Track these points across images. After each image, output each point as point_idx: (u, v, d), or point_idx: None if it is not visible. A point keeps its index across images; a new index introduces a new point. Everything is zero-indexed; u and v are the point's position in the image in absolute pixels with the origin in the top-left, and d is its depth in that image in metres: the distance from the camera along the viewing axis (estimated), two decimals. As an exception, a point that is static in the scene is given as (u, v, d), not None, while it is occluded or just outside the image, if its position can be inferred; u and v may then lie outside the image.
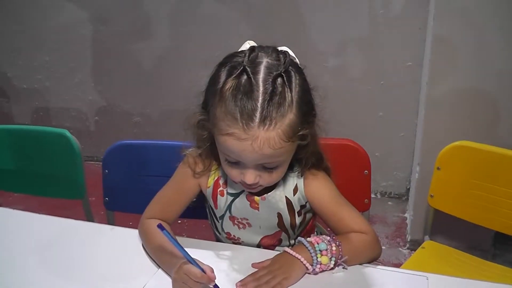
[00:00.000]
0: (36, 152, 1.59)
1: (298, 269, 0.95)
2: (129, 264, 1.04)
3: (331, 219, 1.05)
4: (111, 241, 1.13)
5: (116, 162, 1.50)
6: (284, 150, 0.92)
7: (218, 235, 1.14)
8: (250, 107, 0.88)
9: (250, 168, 0.94)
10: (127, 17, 2.39)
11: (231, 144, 0.90)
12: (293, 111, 0.91)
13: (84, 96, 2.62)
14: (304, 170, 1.04)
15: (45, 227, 1.17)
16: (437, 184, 1.50)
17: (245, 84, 0.89)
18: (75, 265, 1.04)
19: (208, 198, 1.09)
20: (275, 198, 1.05)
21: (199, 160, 1.07)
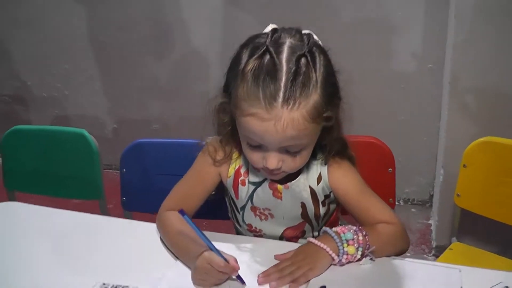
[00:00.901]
0: (54, 153, 1.57)
1: (324, 260, 0.91)
2: (147, 256, 1.01)
3: (356, 209, 1.01)
4: (128, 234, 1.10)
5: (134, 161, 1.48)
6: (308, 132, 0.89)
7: (239, 228, 1.11)
8: (273, 87, 0.85)
9: (273, 152, 0.91)
10: (146, 25, 2.40)
11: (254, 125, 0.87)
12: (317, 91, 0.88)
13: (102, 103, 2.63)
14: (328, 157, 1.00)
15: (61, 221, 1.15)
16: (463, 183, 1.45)
17: (268, 64, 0.86)
18: (90, 257, 1.01)
19: (229, 188, 1.06)
20: (298, 187, 1.01)
21: (219, 148, 1.04)
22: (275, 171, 0.93)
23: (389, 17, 2.05)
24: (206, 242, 0.88)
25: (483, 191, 1.41)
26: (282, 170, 0.94)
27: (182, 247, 0.96)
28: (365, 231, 0.93)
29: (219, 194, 1.13)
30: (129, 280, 0.92)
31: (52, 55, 2.58)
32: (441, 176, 1.90)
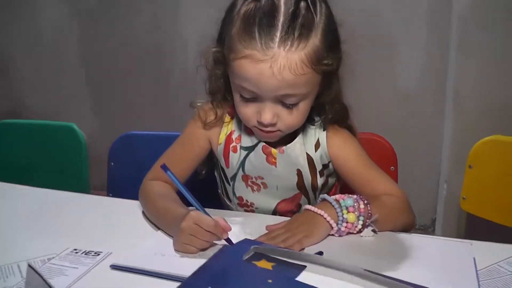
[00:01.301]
0: (42, 146, 1.52)
1: (321, 227, 0.82)
2: (123, 226, 0.93)
3: (357, 180, 0.93)
4: (106, 208, 1.03)
5: (122, 155, 1.41)
6: (307, 79, 0.82)
7: (229, 204, 1.02)
8: (270, 26, 0.79)
9: (268, 103, 0.84)
10: (148, 41, 2.38)
11: (248, 68, 0.81)
12: (318, 36, 0.82)
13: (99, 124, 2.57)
14: (326, 120, 0.93)
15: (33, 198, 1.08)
16: (469, 185, 1.37)
17: (265, 5, 0.81)
18: (62, 227, 0.93)
19: (219, 156, 0.98)
20: (294, 151, 0.94)
21: (210, 110, 0.97)
22: (270, 127, 0.86)
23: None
24: (192, 201, 0.80)
25: (490, 193, 1.33)
26: (277, 127, 0.87)
27: (164, 210, 0.87)
28: (366, 199, 0.85)
29: (209, 172, 1.06)
30: (102, 246, 0.83)
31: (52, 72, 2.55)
32: (444, 191, 1.82)
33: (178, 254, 0.79)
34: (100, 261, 0.79)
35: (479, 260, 0.79)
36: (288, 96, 0.84)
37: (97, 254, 0.81)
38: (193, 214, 0.78)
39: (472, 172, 1.35)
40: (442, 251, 0.83)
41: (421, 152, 2.03)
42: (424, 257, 0.80)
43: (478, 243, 0.85)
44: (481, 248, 0.83)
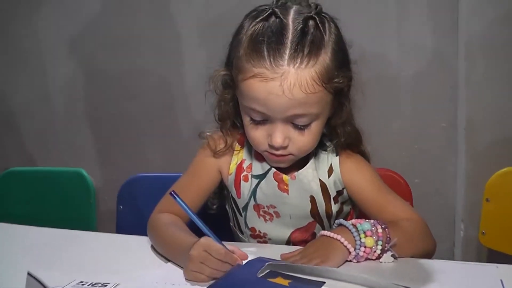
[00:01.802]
0: (51, 192, 1.51)
1: (338, 252, 0.78)
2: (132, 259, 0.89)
3: (372, 206, 0.90)
4: (114, 244, 1.00)
5: (131, 197, 1.39)
6: (318, 98, 0.81)
7: (241, 236, 0.99)
8: (279, 43, 0.79)
9: (278, 125, 0.82)
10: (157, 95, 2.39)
11: (257, 88, 0.79)
12: (327, 54, 0.81)
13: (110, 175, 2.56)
14: (338, 144, 0.91)
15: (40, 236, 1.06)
16: (488, 219, 1.33)
17: (273, 24, 0.81)
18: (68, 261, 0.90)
19: (230, 187, 0.96)
20: (307, 177, 0.91)
21: (220, 138, 0.96)
22: (281, 150, 0.84)
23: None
24: (203, 228, 0.78)
25: (511, 225, 1.28)
26: (289, 151, 0.85)
27: (173, 239, 0.84)
28: (384, 224, 0.82)
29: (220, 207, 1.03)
30: (109, 278, 0.79)
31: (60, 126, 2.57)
32: (461, 232, 1.77)
33: (188, 283, 0.76)
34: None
35: (507, 282, 0.74)
36: (299, 116, 0.82)
37: (104, 285, 0.78)
38: (203, 241, 0.75)
39: (489, 205, 1.32)
40: (467, 275, 0.79)
41: (435, 187, 1.99)
42: (449, 282, 0.76)
43: (505, 266, 0.80)
44: (508, 270, 0.79)
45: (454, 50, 1.82)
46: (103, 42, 2.19)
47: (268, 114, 0.82)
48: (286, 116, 0.81)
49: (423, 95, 2.01)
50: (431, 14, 1.81)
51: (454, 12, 1.76)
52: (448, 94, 1.92)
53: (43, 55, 2.37)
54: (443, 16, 1.78)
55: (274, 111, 0.81)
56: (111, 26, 2.15)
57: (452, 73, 1.84)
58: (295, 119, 0.82)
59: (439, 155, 1.97)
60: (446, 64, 1.85)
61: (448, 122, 1.95)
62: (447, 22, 1.78)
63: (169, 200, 0.93)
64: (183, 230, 0.86)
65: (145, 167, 2.24)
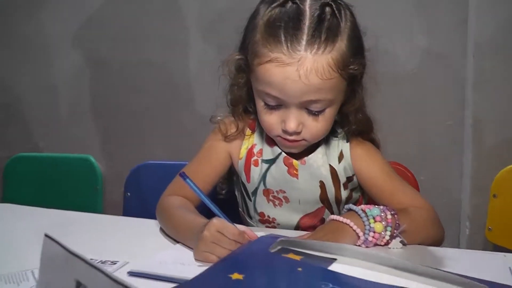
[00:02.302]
0: (58, 178, 1.51)
1: (347, 236, 0.78)
2: (140, 240, 0.90)
3: (382, 193, 0.90)
4: (123, 225, 1.01)
5: (139, 184, 1.40)
6: (333, 84, 0.81)
7: (249, 221, 0.99)
8: (296, 29, 0.79)
9: (293, 110, 0.82)
10: (161, 87, 2.39)
11: (274, 73, 0.80)
12: (343, 41, 0.81)
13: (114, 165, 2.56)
14: (349, 131, 0.91)
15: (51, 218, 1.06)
16: (495, 215, 1.32)
17: (290, 10, 0.81)
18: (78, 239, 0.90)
19: (240, 172, 0.96)
20: (316, 162, 0.91)
21: (232, 123, 0.96)
22: (295, 136, 0.84)
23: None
24: (214, 209, 0.78)
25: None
26: (302, 136, 0.85)
27: (183, 220, 0.84)
28: (393, 210, 0.82)
29: (229, 192, 1.04)
30: (119, 257, 0.80)
31: (65, 117, 2.57)
32: (467, 230, 1.77)
33: (197, 263, 0.76)
34: (117, 269, 0.76)
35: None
36: (314, 102, 0.82)
37: (113, 263, 0.78)
38: (216, 221, 0.75)
39: (497, 201, 1.32)
40: (476, 263, 0.78)
41: (441, 185, 1.99)
42: (458, 269, 0.76)
43: (511, 255, 0.80)
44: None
45: (463, 49, 1.82)
46: (108, 34, 2.20)
47: (283, 99, 0.82)
48: (301, 101, 0.82)
49: (430, 93, 2.01)
50: (441, 13, 1.81)
51: (464, 11, 1.76)
52: (455, 93, 1.92)
53: (49, 47, 2.38)
54: (452, 15, 1.78)
55: (290, 96, 0.81)
56: (116, 18, 2.16)
57: (459, 72, 1.84)
58: (310, 105, 0.83)
59: (445, 153, 1.97)
60: (454, 63, 1.85)
61: (455, 120, 1.95)
62: (456, 21, 1.78)
63: (179, 183, 0.94)
64: (193, 212, 0.86)
65: (149, 157, 2.24)
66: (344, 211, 0.84)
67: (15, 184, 1.53)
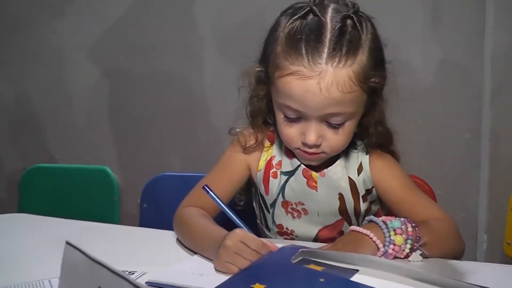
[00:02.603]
0: (76, 189, 1.52)
1: (367, 248, 0.76)
2: (157, 251, 0.90)
3: (402, 205, 0.89)
4: (140, 237, 1.01)
5: (155, 196, 1.40)
6: (354, 97, 0.81)
7: (267, 233, 0.98)
8: (317, 42, 0.79)
9: (313, 122, 0.82)
10: (177, 98, 2.41)
11: (294, 85, 0.80)
12: (364, 54, 0.81)
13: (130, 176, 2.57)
14: (369, 143, 0.91)
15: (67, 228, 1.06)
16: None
17: (311, 22, 0.81)
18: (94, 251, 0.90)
19: (259, 183, 0.96)
20: (336, 174, 0.91)
21: (251, 135, 0.96)
22: (314, 148, 0.84)
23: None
24: (236, 220, 0.78)
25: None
26: (322, 149, 0.85)
27: (202, 231, 0.84)
28: (414, 223, 0.81)
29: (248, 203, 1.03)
30: (136, 267, 0.79)
31: (82, 128, 2.59)
32: (484, 244, 1.74)
33: (218, 274, 0.75)
34: (136, 278, 0.76)
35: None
36: (334, 115, 0.82)
37: (131, 273, 0.78)
38: (239, 232, 0.75)
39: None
40: (497, 276, 0.77)
41: (457, 199, 1.96)
42: (477, 282, 0.75)
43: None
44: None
45: (480, 61, 1.82)
46: (125, 45, 2.22)
47: (304, 112, 0.82)
48: (321, 114, 0.82)
49: (447, 106, 2.00)
50: (458, 25, 1.81)
51: (481, 24, 1.76)
52: (472, 105, 1.91)
53: (66, 58, 2.41)
54: (469, 28, 1.77)
55: (310, 109, 0.81)
56: (133, 30, 2.18)
57: (476, 85, 1.83)
58: (330, 118, 0.82)
59: (462, 167, 1.95)
60: (471, 76, 1.84)
61: (472, 133, 1.93)
62: (473, 33, 1.77)
63: (196, 194, 0.94)
64: (212, 222, 0.86)
65: (165, 168, 2.25)
66: (365, 222, 0.83)
67: (32, 195, 1.53)
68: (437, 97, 1.98)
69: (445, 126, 2.01)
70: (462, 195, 2.01)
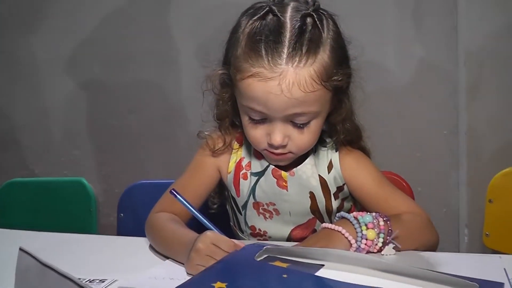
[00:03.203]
0: (52, 202, 1.50)
1: (339, 244, 0.76)
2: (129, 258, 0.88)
3: (374, 200, 0.89)
4: (112, 244, 1.00)
5: (132, 204, 1.39)
6: (317, 97, 0.80)
7: (241, 235, 0.98)
8: (277, 43, 0.79)
9: (278, 123, 0.82)
10: (155, 107, 2.40)
11: (256, 87, 0.79)
12: (326, 52, 0.81)
13: (111, 189, 2.55)
14: (338, 140, 0.91)
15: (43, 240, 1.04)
16: (491, 220, 1.31)
17: (270, 22, 0.81)
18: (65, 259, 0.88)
19: (229, 186, 0.95)
20: (305, 173, 0.90)
21: (219, 137, 0.96)
22: (281, 149, 0.84)
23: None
24: (207, 224, 0.77)
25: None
26: (288, 149, 0.84)
27: (173, 235, 0.83)
28: (386, 217, 0.80)
29: (221, 206, 1.03)
30: (107, 275, 0.79)
31: (61, 142, 2.57)
32: (465, 237, 1.75)
33: (189, 277, 0.75)
34: (105, 287, 0.75)
35: (510, 271, 0.73)
36: (298, 115, 0.82)
37: (102, 281, 0.77)
38: (210, 234, 0.74)
39: (493, 206, 1.31)
40: (471, 266, 0.77)
41: (438, 195, 1.97)
42: (453, 272, 0.74)
43: (507, 256, 0.79)
44: (511, 260, 0.78)
45: (454, 57, 1.83)
46: (100, 56, 2.21)
47: (267, 113, 0.82)
48: (285, 115, 0.81)
49: (424, 103, 2.01)
50: (432, 25, 1.83)
51: (453, 21, 1.78)
52: (449, 102, 1.92)
53: (41, 71, 2.39)
54: (442, 25, 1.79)
55: (273, 110, 0.81)
56: (108, 40, 2.17)
57: (452, 81, 1.85)
58: (294, 118, 0.82)
59: (441, 163, 1.96)
60: (447, 73, 1.86)
61: (450, 129, 1.94)
62: (446, 30, 1.79)
63: (167, 200, 0.93)
64: (183, 226, 0.85)
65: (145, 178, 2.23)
66: (337, 219, 0.83)
67: (9, 210, 1.52)
68: (415, 95, 2.00)
69: (423, 123, 2.03)
70: (443, 190, 2.02)
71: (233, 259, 0.63)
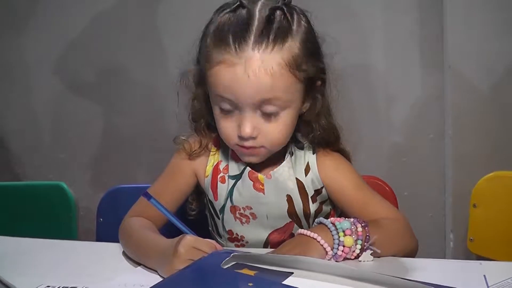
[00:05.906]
0: (31, 206, 1.47)
1: (315, 251, 0.74)
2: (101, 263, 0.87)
3: (352, 205, 0.87)
4: (83, 249, 0.99)
5: (111, 209, 1.36)
6: (286, 84, 0.79)
7: (219, 240, 0.96)
8: (244, 30, 0.78)
9: (247, 113, 0.81)
10: (142, 110, 2.38)
11: (223, 75, 0.79)
12: (296, 42, 0.80)
13: (96, 193, 2.52)
14: (314, 140, 0.89)
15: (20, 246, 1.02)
16: (476, 225, 1.30)
17: (239, 14, 0.81)
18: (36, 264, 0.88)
19: (207, 190, 0.93)
20: (282, 175, 0.89)
21: (195, 141, 0.94)
22: (252, 141, 0.82)
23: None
24: (181, 227, 0.76)
25: (499, 231, 1.26)
26: (260, 143, 0.83)
27: (145, 241, 0.81)
28: (364, 222, 0.79)
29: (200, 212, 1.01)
30: (77, 282, 0.76)
31: (48, 146, 2.54)
32: (451, 243, 1.74)
33: (155, 283, 0.73)
34: (76, 294, 0.73)
35: (490, 277, 0.72)
36: (267, 103, 0.80)
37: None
38: (190, 237, 0.73)
39: (477, 211, 1.29)
40: (451, 272, 0.76)
41: (424, 199, 1.97)
42: (433, 279, 0.73)
43: (487, 263, 0.78)
44: (491, 267, 0.77)
45: (439, 61, 1.83)
46: (87, 60, 2.19)
47: (236, 101, 0.81)
48: (253, 102, 0.80)
49: (409, 108, 2.01)
50: (417, 28, 1.82)
51: (439, 22, 1.78)
52: (434, 105, 1.92)
53: (29, 73, 2.36)
54: (429, 28, 1.79)
55: (241, 96, 0.80)
56: (97, 43, 2.15)
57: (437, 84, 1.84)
58: (263, 106, 0.81)
59: (427, 167, 1.96)
60: (431, 76, 1.86)
61: (435, 133, 1.94)
62: (433, 34, 1.79)
63: (141, 205, 0.91)
64: (155, 232, 0.83)
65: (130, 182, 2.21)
66: (315, 224, 0.81)
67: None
68: (400, 99, 1.99)
69: (409, 127, 2.02)
70: (428, 195, 2.01)
71: (197, 267, 0.61)
